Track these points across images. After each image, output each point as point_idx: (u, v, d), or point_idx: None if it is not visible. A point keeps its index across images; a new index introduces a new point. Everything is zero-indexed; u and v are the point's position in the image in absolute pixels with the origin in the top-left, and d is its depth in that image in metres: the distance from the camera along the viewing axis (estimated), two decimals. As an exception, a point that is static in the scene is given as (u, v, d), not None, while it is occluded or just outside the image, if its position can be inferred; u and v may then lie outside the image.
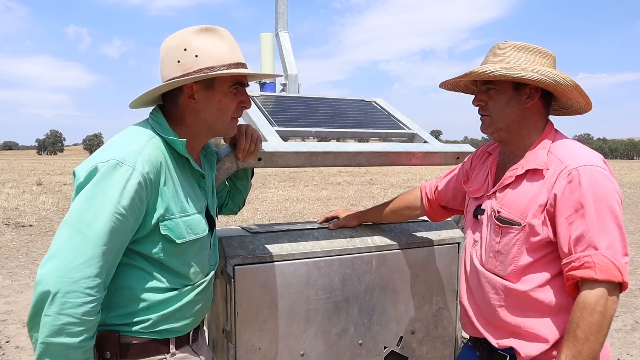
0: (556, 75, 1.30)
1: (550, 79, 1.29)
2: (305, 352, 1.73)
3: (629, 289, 5.35)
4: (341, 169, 27.64)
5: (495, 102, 1.38)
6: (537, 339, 1.34)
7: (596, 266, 1.22)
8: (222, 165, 1.59)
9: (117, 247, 1.15)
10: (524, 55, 1.35)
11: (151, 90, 1.28)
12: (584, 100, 1.37)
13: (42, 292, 1.06)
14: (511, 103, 1.37)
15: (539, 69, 1.31)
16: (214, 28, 1.29)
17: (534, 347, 1.34)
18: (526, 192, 1.35)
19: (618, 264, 1.22)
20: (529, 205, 1.33)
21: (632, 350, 3.85)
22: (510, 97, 1.37)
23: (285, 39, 2.85)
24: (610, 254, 1.22)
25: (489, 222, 1.43)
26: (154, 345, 1.28)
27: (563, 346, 1.24)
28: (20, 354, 3.65)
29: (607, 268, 1.21)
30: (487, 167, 1.53)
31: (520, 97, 1.36)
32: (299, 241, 1.74)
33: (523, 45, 1.36)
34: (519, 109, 1.37)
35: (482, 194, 1.50)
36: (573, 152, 1.32)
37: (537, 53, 1.36)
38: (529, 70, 1.30)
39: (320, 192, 15.09)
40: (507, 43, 1.38)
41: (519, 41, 1.38)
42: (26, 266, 6.07)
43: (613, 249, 1.23)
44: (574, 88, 1.32)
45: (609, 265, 1.22)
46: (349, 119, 2.17)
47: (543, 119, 1.41)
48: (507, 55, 1.35)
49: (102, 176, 1.13)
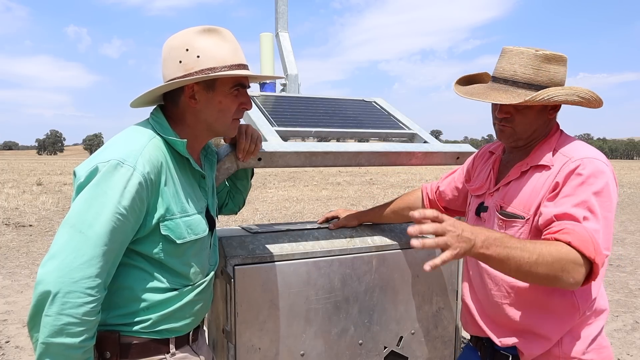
0: (590, 96, 1.33)
1: (586, 99, 1.33)
2: (305, 352, 1.73)
3: (629, 289, 5.36)
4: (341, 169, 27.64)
5: (524, 116, 1.37)
6: (541, 337, 1.34)
7: (575, 234, 1.19)
8: (222, 165, 1.59)
9: (118, 247, 1.15)
10: (553, 67, 1.35)
11: (152, 90, 1.28)
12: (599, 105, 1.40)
13: (43, 292, 1.06)
14: (539, 116, 1.37)
15: (579, 91, 1.33)
16: (217, 29, 1.29)
17: (538, 345, 1.34)
18: (529, 186, 1.35)
19: (596, 244, 1.19)
20: (532, 198, 1.33)
21: (632, 350, 3.85)
22: (538, 111, 1.37)
23: (285, 39, 2.85)
24: (593, 234, 1.20)
25: (492, 218, 1.43)
26: (154, 345, 1.28)
27: (497, 233, 1.18)
28: (20, 354, 3.65)
29: (585, 240, 1.18)
30: (489, 165, 1.53)
31: (546, 109, 1.37)
32: (299, 241, 1.74)
33: (552, 56, 1.34)
34: (543, 121, 1.39)
35: (484, 191, 1.50)
36: (578, 149, 1.33)
37: (560, 62, 1.36)
38: (572, 94, 1.32)
39: (320, 192, 15.09)
40: (537, 54, 1.34)
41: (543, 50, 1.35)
42: (26, 266, 6.07)
43: (597, 233, 1.21)
44: (597, 102, 1.36)
45: (587, 239, 1.19)
46: (349, 119, 2.17)
47: (554, 121, 1.43)
48: (540, 69, 1.34)
49: (103, 176, 1.14)
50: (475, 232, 1.12)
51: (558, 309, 1.32)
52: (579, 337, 1.33)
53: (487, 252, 1.12)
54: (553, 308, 1.33)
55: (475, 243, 1.10)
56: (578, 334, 1.34)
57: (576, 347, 1.33)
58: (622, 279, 5.79)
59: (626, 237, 8.30)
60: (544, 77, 1.34)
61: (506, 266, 1.15)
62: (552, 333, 1.32)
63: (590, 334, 1.34)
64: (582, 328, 1.34)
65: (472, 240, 1.10)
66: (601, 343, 1.36)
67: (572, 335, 1.33)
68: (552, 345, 1.33)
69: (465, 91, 1.45)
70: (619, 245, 7.65)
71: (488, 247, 1.12)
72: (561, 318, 1.32)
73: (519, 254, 1.13)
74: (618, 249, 7.31)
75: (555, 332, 1.32)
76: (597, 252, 1.18)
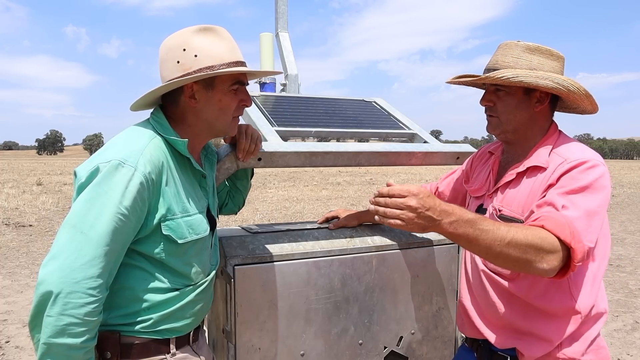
0: (570, 84, 1.30)
1: (565, 87, 1.29)
2: (305, 352, 1.73)
3: (629, 289, 5.36)
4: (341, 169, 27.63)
5: (505, 104, 1.37)
6: (542, 339, 1.34)
7: (549, 219, 1.18)
8: (222, 165, 1.59)
9: (119, 248, 1.15)
10: (537, 57, 1.34)
11: (151, 91, 1.28)
12: (592, 106, 1.38)
13: (44, 293, 1.06)
14: (521, 106, 1.36)
15: (553, 76, 1.30)
16: (213, 27, 1.30)
17: (539, 347, 1.34)
18: (526, 189, 1.35)
19: (574, 231, 1.16)
20: (529, 200, 1.33)
21: (632, 350, 3.85)
22: (520, 100, 1.36)
23: (285, 39, 2.85)
24: (571, 221, 1.17)
25: None
26: (155, 345, 1.28)
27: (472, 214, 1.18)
28: (20, 354, 3.65)
29: (560, 224, 1.16)
30: (489, 167, 1.53)
31: (530, 101, 1.36)
32: (299, 241, 1.74)
33: (536, 47, 1.34)
34: (528, 113, 1.37)
35: (483, 193, 1.50)
36: (575, 151, 1.32)
37: (549, 55, 1.35)
38: (544, 78, 1.29)
39: (320, 192, 15.09)
40: (519, 44, 1.35)
41: (531, 42, 1.36)
42: (26, 266, 6.07)
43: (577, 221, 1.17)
44: (585, 97, 1.33)
45: (563, 223, 1.16)
46: (349, 119, 2.17)
47: (549, 120, 1.42)
48: (520, 57, 1.34)
49: (104, 176, 1.14)
50: (443, 213, 1.13)
51: (559, 312, 1.32)
52: (578, 338, 1.34)
53: (456, 232, 1.14)
54: (553, 312, 1.33)
55: (440, 223, 1.12)
56: (577, 335, 1.34)
57: (575, 348, 1.33)
58: (622, 279, 5.79)
59: (626, 237, 8.30)
60: (523, 65, 1.33)
61: (475, 247, 1.16)
62: (554, 335, 1.32)
63: (589, 335, 1.34)
64: (582, 330, 1.34)
65: (437, 220, 1.12)
66: (599, 344, 1.36)
67: (571, 336, 1.33)
68: (554, 347, 1.33)
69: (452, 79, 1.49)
70: (619, 245, 7.64)
71: (456, 228, 1.13)
72: (562, 321, 1.32)
73: (490, 236, 1.14)
74: (618, 249, 7.31)
75: (557, 335, 1.32)
76: (574, 238, 1.16)
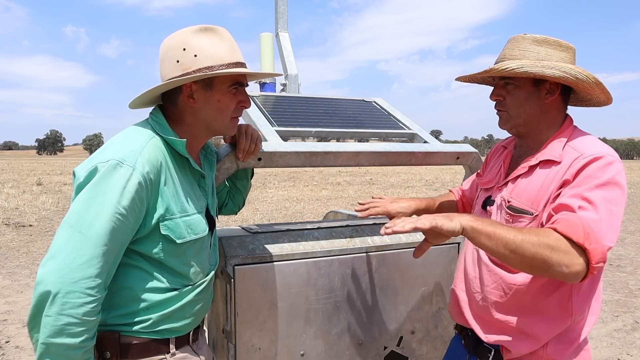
0: (578, 72, 1.27)
1: (572, 76, 1.26)
2: (305, 352, 1.73)
3: (629, 289, 5.35)
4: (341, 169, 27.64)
5: (514, 97, 1.35)
6: (530, 337, 1.32)
7: (563, 221, 1.16)
8: (222, 165, 1.59)
9: (118, 248, 1.15)
10: (544, 49, 1.32)
11: (150, 90, 1.28)
12: (605, 95, 1.35)
13: (43, 293, 1.06)
14: (530, 99, 1.34)
15: (560, 65, 1.27)
16: (213, 28, 1.29)
17: (526, 345, 1.33)
18: (537, 181, 1.32)
19: (590, 232, 1.13)
20: (540, 194, 1.30)
21: (632, 350, 3.85)
22: (529, 92, 1.34)
23: (285, 39, 2.85)
24: (588, 222, 1.14)
25: (499, 212, 1.40)
26: (154, 345, 1.28)
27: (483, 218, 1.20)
28: (20, 354, 3.65)
29: (573, 225, 1.14)
30: (501, 160, 1.51)
31: (540, 93, 1.33)
32: (299, 241, 1.74)
33: (543, 39, 1.32)
34: (538, 105, 1.34)
35: (493, 185, 1.47)
36: (590, 145, 1.29)
37: (558, 46, 1.32)
38: (551, 67, 1.26)
39: (320, 192, 15.09)
40: (526, 36, 1.34)
41: (538, 34, 1.34)
42: (26, 266, 6.07)
43: (595, 223, 1.15)
44: (595, 85, 1.30)
45: (577, 225, 1.14)
46: (348, 119, 2.17)
47: (562, 113, 1.39)
48: (527, 49, 1.32)
49: (102, 176, 1.13)
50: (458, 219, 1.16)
51: (552, 312, 1.31)
52: (564, 339, 1.32)
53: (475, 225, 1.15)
54: (546, 310, 1.31)
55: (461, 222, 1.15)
56: (564, 336, 1.33)
57: (560, 349, 1.32)
58: (622, 279, 5.79)
59: (626, 237, 8.30)
60: (531, 57, 1.31)
61: (493, 241, 1.15)
62: (543, 334, 1.31)
63: (575, 337, 1.33)
64: (569, 331, 1.33)
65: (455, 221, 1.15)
66: (583, 346, 1.35)
67: (559, 337, 1.32)
68: (541, 346, 1.32)
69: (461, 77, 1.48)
70: (619, 245, 7.64)
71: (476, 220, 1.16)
72: (553, 320, 1.31)
73: (505, 233, 1.15)
74: (618, 249, 7.31)
75: (546, 334, 1.31)
76: (588, 239, 1.13)
